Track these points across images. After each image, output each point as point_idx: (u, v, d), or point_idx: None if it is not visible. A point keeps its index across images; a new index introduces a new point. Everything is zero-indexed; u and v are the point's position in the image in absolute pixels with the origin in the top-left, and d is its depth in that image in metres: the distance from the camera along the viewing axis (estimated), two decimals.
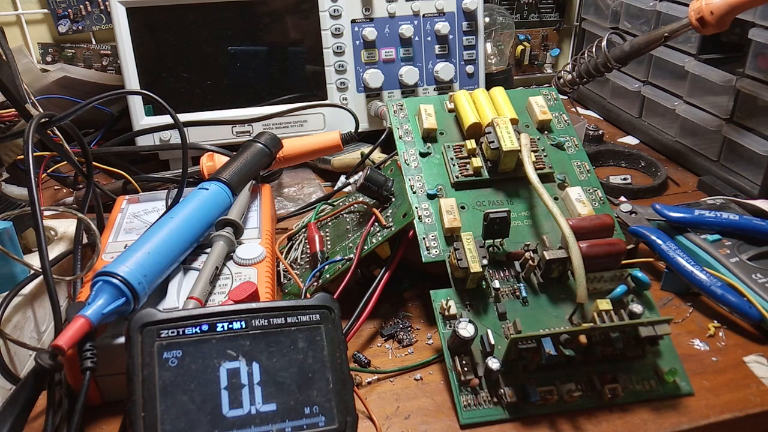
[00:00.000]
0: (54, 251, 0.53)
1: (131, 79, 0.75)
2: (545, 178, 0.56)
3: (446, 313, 0.48)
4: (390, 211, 0.55)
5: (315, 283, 0.55)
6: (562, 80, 0.86)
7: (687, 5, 0.69)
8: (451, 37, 0.83)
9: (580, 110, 1.01)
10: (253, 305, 0.40)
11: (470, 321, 0.45)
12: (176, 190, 0.57)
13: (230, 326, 0.39)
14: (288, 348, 0.39)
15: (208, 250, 0.51)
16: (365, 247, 0.53)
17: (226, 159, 0.62)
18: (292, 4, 0.78)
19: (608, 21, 0.95)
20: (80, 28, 0.92)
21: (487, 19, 0.93)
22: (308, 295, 0.51)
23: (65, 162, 0.59)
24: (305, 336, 0.40)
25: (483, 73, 0.86)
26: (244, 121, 0.77)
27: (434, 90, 0.84)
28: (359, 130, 0.73)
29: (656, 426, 0.44)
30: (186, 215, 0.51)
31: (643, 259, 0.59)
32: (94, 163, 0.55)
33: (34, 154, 0.48)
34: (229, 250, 0.52)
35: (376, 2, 0.79)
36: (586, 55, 0.82)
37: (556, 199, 0.55)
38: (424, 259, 0.50)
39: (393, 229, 0.52)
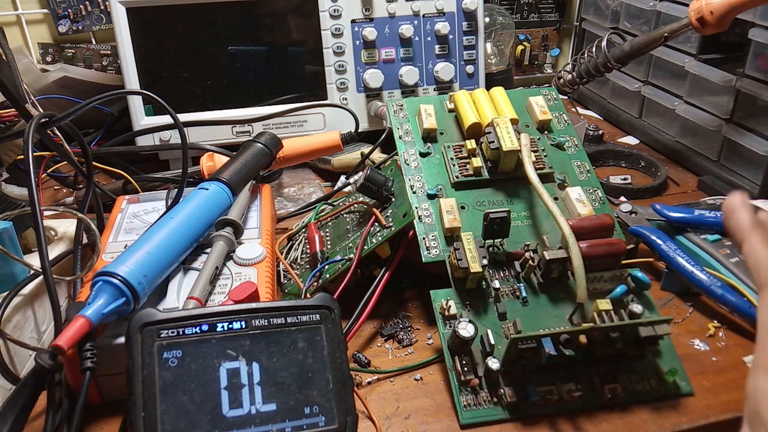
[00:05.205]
0: (54, 251, 0.53)
1: (131, 79, 0.75)
2: (545, 178, 0.56)
3: (446, 313, 0.48)
4: (390, 211, 0.55)
5: (315, 283, 0.55)
6: (562, 80, 0.86)
7: (687, 5, 0.69)
8: (451, 37, 0.83)
9: (580, 110, 1.01)
10: (253, 305, 0.40)
11: (470, 321, 0.45)
12: (176, 190, 0.57)
13: (230, 326, 0.39)
14: (288, 348, 0.39)
15: (208, 250, 0.51)
16: (365, 247, 0.53)
17: (226, 159, 0.62)
18: (292, 4, 0.78)
19: (608, 21, 0.95)
20: (80, 28, 0.92)
21: (487, 19, 0.93)
22: (308, 295, 0.51)
23: (65, 162, 0.59)
24: (305, 336, 0.40)
25: (483, 73, 0.86)
26: (244, 121, 0.77)
27: (434, 90, 0.84)
28: (359, 130, 0.73)
29: (656, 426, 0.44)
30: (186, 215, 0.51)
31: (643, 259, 0.59)
32: (94, 163, 0.55)
33: (34, 154, 0.48)
34: (229, 250, 0.52)
35: (376, 2, 0.79)
36: (586, 55, 0.82)
37: (556, 199, 0.55)
38: (424, 259, 0.50)
39: (393, 229, 0.52)
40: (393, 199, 0.56)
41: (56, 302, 0.44)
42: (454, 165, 0.56)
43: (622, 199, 0.73)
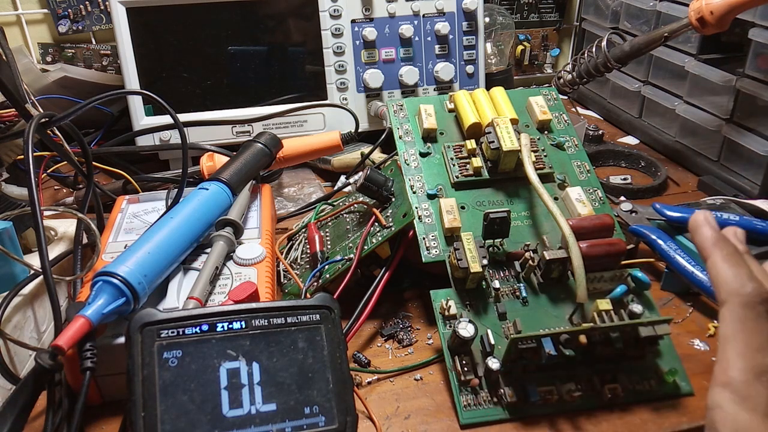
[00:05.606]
0: (54, 251, 0.53)
1: (131, 79, 0.75)
2: (545, 178, 0.56)
3: (446, 313, 0.48)
4: (390, 211, 0.55)
5: (315, 283, 0.55)
6: (562, 80, 0.86)
7: (687, 5, 0.69)
8: (451, 37, 0.83)
9: (580, 110, 1.01)
10: (253, 305, 0.40)
11: (470, 321, 0.45)
12: (176, 190, 0.57)
13: (230, 326, 0.39)
14: (288, 348, 0.39)
15: (208, 250, 0.51)
16: (365, 247, 0.53)
17: (226, 159, 0.62)
18: (293, 4, 0.78)
19: (608, 21, 0.95)
20: (80, 28, 0.92)
21: (487, 19, 0.93)
22: (308, 295, 0.51)
23: (65, 162, 0.59)
24: (305, 336, 0.40)
25: (483, 73, 0.86)
26: (244, 121, 0.77)
27: (434, 90, 0.84)
28: (359, 130, 0.73)
29: (656, 426, 0.44)
30: (186, 215, 0.51)
31: (643, 259, 0.59)
32: (94, 163, 0.55)
33: (34, 154, 0.48)
34: (229, 250, 0.52)
35: (376, 2, 0.79)
36: (586, 55, 0.82)
37: (556, 199, 0.55)
38: (424, 259, 0.50)
39: (393, 229, 0.52)
40: (393, 199, 0.56)
41: (56, 302, 0.44)
42: (454, 165, 0.56)
43: (622, 198, 0.72)
